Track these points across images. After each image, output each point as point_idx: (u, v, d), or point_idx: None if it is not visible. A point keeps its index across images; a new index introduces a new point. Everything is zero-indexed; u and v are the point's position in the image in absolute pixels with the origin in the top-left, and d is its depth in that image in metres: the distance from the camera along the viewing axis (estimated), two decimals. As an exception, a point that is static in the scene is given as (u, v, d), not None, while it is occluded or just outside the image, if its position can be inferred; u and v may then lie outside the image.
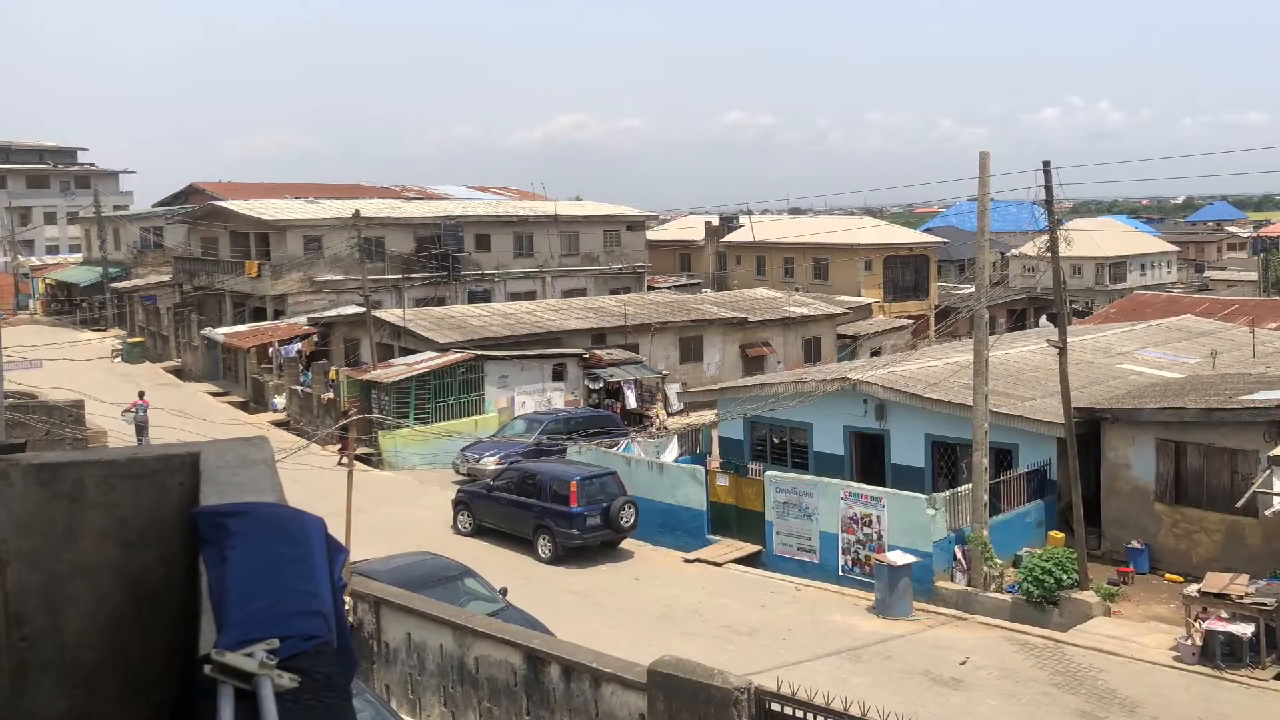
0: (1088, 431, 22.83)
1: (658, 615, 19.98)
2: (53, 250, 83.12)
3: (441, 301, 47.01)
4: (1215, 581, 18.14)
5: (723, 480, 25.07)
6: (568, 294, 51.30)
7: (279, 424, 36.97)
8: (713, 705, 10.77)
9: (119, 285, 60.13)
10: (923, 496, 21.87)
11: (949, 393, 24.42)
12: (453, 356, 34.46)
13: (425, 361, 34.42)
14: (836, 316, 48.72)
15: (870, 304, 56.48)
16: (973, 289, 24.92)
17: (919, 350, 40.64)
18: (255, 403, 40.96)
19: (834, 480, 23.61)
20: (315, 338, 41.40)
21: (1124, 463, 23.05)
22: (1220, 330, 36.76)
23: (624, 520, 23.52)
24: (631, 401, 37.08)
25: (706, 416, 33.25)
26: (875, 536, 21.66)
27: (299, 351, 40.10)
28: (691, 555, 23.67)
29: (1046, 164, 20.90)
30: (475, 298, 48.59)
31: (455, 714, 13.87)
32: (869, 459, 26.93)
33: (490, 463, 28.95)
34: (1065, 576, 19.74)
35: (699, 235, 70.99)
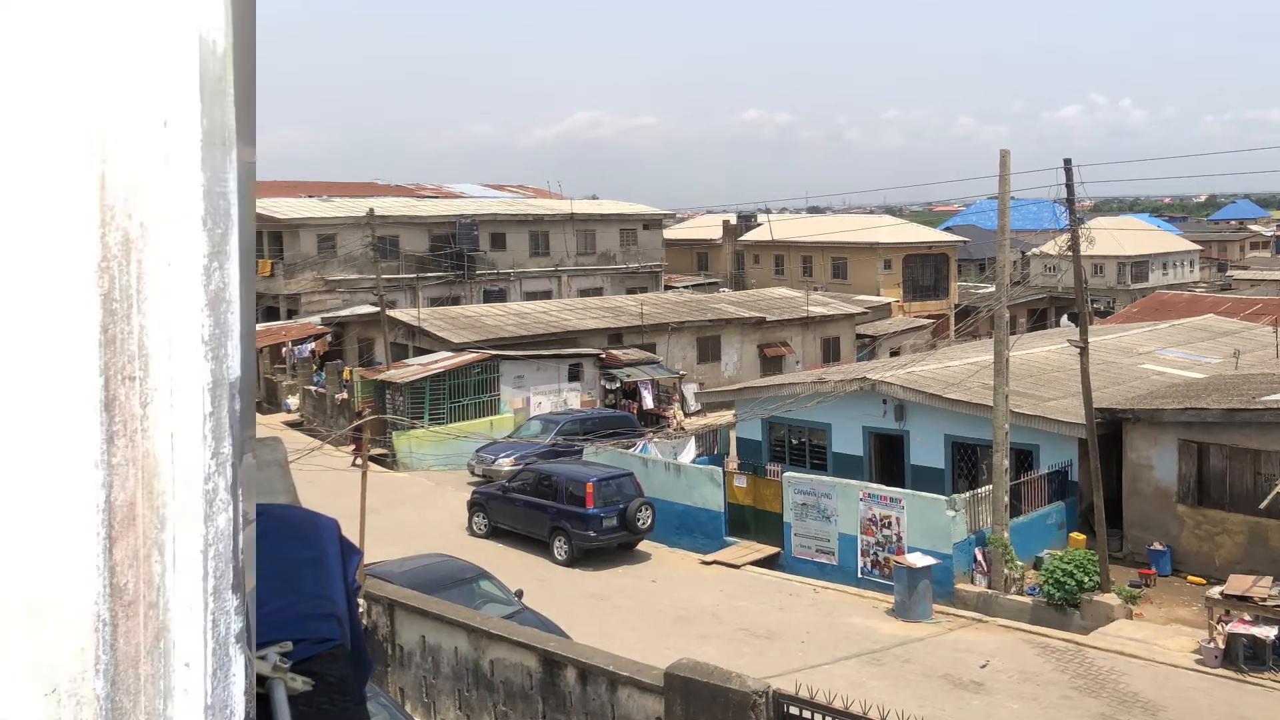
0: (1109, 432, 22.66)
1: (675, 618, 19.88)
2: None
3: (456, 301, 47.05)
4: (1238, 584, 17.99)
5: (740, 481, 24.96)
6: (584, 293, 51.28)
7: (292, 424, 37.07)
8: (731, 709, 10.68)
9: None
10: (942, 498, 21.73)
11: (969, 393, 24.27)
12: (468, 356, 34.45)
13: (440, 361, 34.41)
14: (855, 316, 48.58)
15: (889, 303, 56.30)
16: (993, 288, 24.77)
17: (939, 350, 40.45)
18: (268, 403, 41.04)
19: (853, 481, 23.47)
20: (329, 337, 41.49)
21: (1146, 464, 22.86)
22: (1243, 330, 36.51)
23: (641, 522, 23.43)
24: (648, 402, 37.00)
25: (724, 417, 33.14)
26: (895, 538, 21.53)
27: (312, 351, 40.18)
28: (709, 557, 23.58)
29: (1067, 162, 20.77)
30: (490, 297, 48.64)
31: (470, 717, 13.81)
32: (888, 460, 26.79)
33: (506, 464, 28.91)
34: (1086, 579, 19.59)
35: (716, 234, 70.89)
